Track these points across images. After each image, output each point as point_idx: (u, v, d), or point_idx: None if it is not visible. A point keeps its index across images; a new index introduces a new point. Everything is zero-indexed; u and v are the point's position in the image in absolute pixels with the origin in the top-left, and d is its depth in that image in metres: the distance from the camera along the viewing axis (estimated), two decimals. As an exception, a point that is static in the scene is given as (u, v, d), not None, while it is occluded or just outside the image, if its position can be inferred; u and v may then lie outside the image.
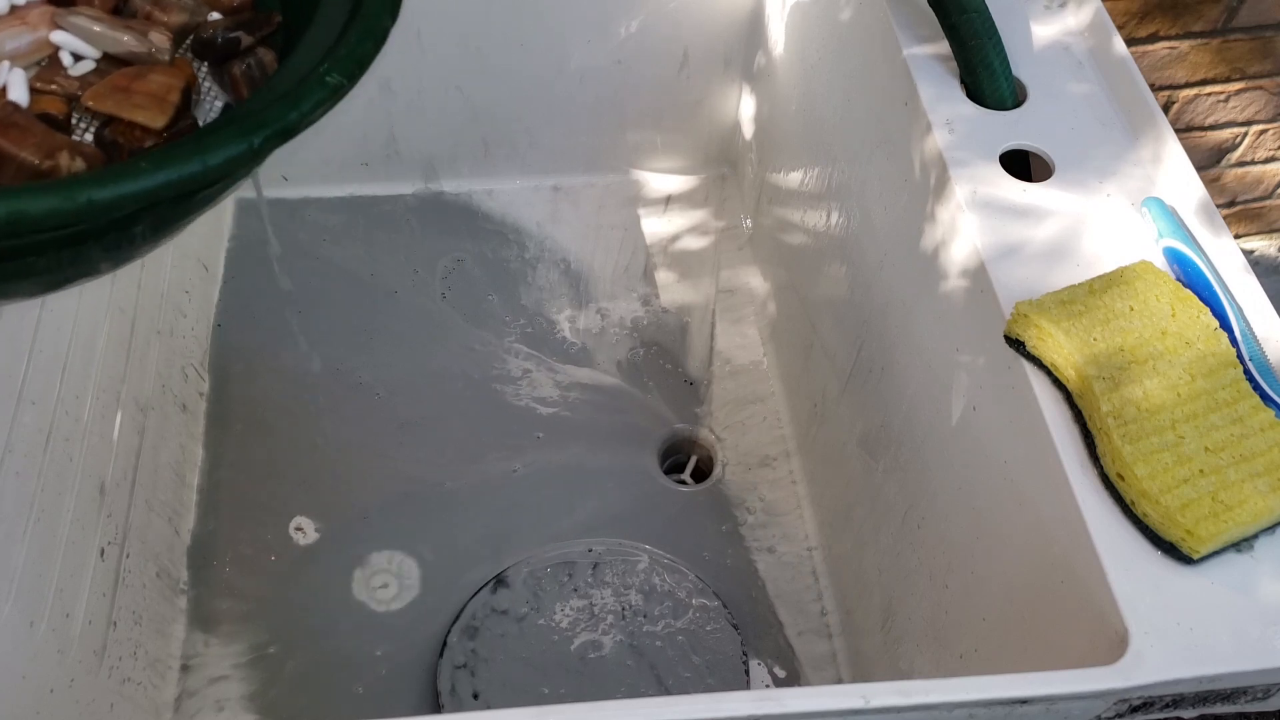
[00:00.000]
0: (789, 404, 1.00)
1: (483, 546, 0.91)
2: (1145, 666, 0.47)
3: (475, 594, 0.88)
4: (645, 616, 0.87)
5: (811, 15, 0.88)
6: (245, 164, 0.36)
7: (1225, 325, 0.55)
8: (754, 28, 1.02)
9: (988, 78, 0.66)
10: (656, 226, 1.12)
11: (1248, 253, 1.32)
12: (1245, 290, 0.58)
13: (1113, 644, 0.48)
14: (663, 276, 1.09)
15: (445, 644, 0.86)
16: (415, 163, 1.10)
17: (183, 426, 0.93)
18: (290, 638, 0.86)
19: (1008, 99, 0.67)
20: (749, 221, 1.12)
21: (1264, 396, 0.53)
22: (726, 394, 1.03)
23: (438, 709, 0.83)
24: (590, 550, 0.91)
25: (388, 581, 0.89)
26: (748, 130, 1.09)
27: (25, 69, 0.40)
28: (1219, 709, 0.51)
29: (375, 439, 0.97)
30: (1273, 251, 1.34)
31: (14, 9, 0.41)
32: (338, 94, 0.38)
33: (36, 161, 0.37)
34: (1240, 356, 0.55)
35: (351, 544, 0.91)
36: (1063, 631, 0.53)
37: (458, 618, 0.87)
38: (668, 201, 1.14)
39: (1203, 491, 0.49)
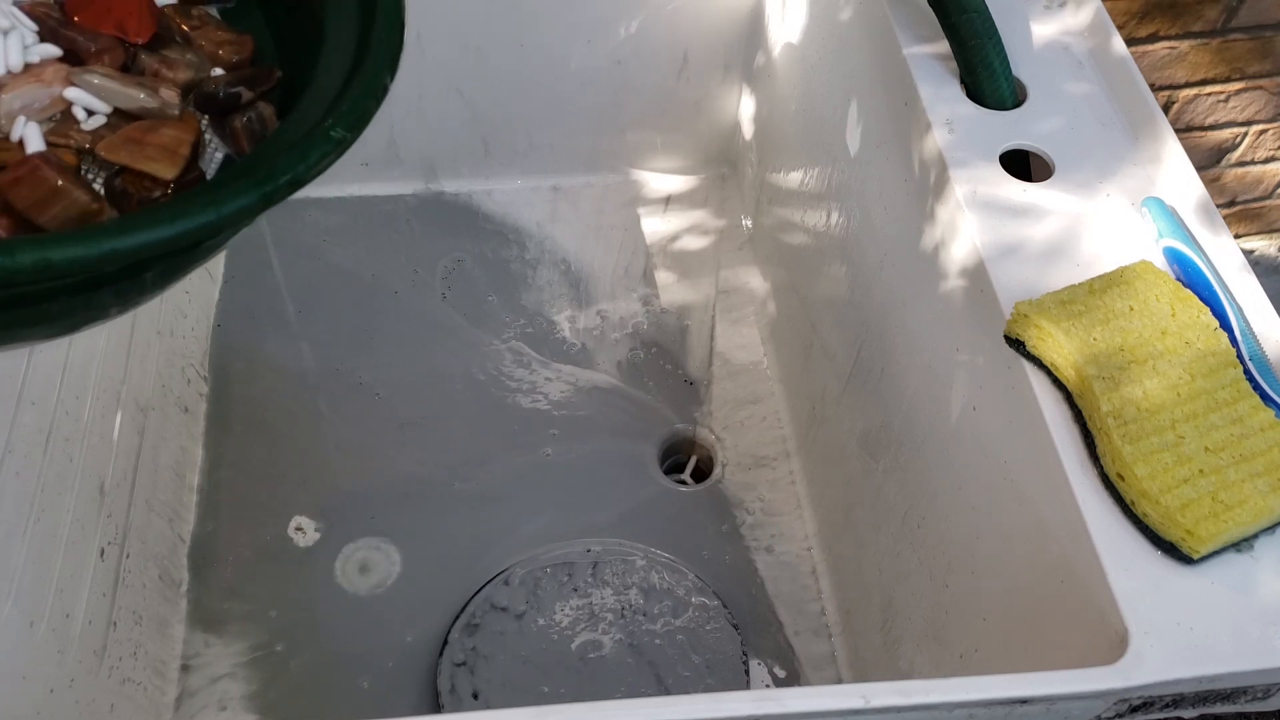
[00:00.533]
0: (789, 404, 1.00)
1: (483, 546, 0.91)
2: (1145, 666, 0.47)
3: (475, 593, 0.88)
4: (645, 616, 0.87)
5: (811, 15, 0.88)
6: (255, 214, 0.38)
7: (1225, 325, 0.56)
8: (754, 28, 1.02)
9: (988, 78, 0.66)
10: (656, 226, 1.12)
11: (1248, 253, 1.32)
12: (1245, 290, 0.58)
13: (1113, 644, 0.48)
14: (663, 276, 1.09)
15: (445, 643, 0.86)
16: (415, 163, 1.10)
17: (183, 427, 0.93)
18: (290, 637, 0.86)
19: (1008, 99, 0.67)
20: (749, 221, 1.12)
21: (1264, 396, 0.53)
22: (726, 394, 1.03)
23: (438, 708, 0.83)
24: (590, 550, 0.91)
25: (388, 581, 0.90)
26: (748, 130, 1.09)
27: (41, 123, 0.43)
28: (1219, 709, 0.51)
29: (375, 439, 0.97)
30: (1273, 251, 1.34)
31: (29, 67, 0.43)
32: (342, 147, 0.40)
33: (88, 199, 0.40)
34: (1240, 356, 0.55)
35: (351, 544, 0.91)
36: (1063, 631, 0.53)
37: (458, 617, 0.87)
38: (668, 201, 1.14)
39: (1203, 491, 0.49)
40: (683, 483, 0.99)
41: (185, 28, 0.47)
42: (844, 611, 0.88)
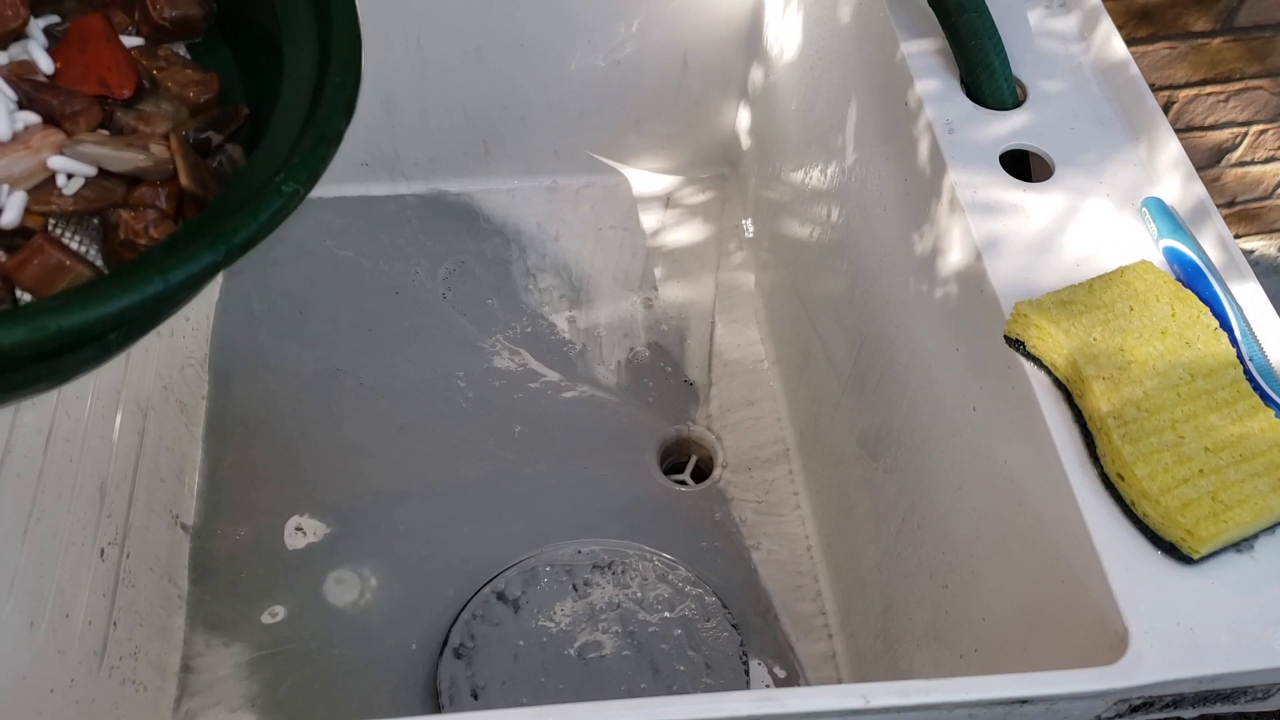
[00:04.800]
0: (789, 404, 1.00)
1: (483, 546, 0.91)
2: (1145, 666, 0.47)
3: (476, 593, 0.88)
4: (644, 616, 0.87)
5: (811, 15, 0.88)
6: (209, 277, 0.37)
7: (1225, 325, 0.55)
8: (754, 28, 1.02)
9: (988, 78, 0.66)
10: (656, 227, 1.12)
11: (1248, 253, 1.32)
12: (1245, 290, 0.58)
13: (1113, 644, 0.48)
14: (662, 277, 1.09)
15: (445, 643, 0.86)
16: (416, 163, 1.10)
17: (183, 427, 0.93)
18: (290, 638, 0.86)
19: (1008, 99, 0.67)
20: (749, 221, 1.12)
21: (1264, 396, 0.53)
22: (726, 394, 1.03)
23: (437, 708, 0.83)
24: (590, 550, 0.91)
25: (388, 581, 0.89)
26: (747, 130, 1.09)
27: (24, 191, 0.42)
28: (1219, 709, 0.51)
29: (375, 439, 0.97)
30: (1273, 251, 1.34)
31: (15, 135, 0.42)
32: (295, 200, 0.39)
33: (91, 274, 0.40)
34: (1240, 356, 0.55)
35: (351, 544, 0.91)
36: (1063, 631, 0.53)
37: (458, 616, 0.87)
38: (668, 202, 1.14)
39: (1203, 491, 0.49)
40: (682, 483, 0.99)
41: (154, 71, 0.46)
42: (844, 611, 0.88)
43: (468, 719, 0.44)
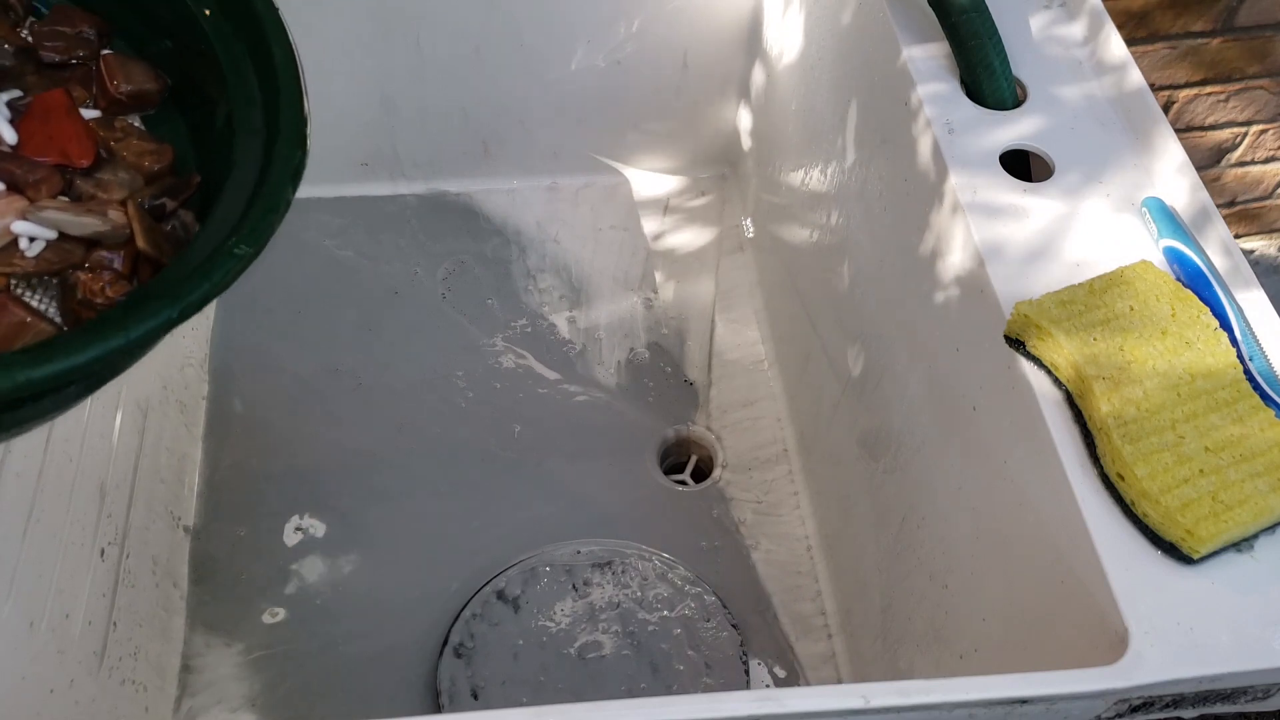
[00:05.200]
0: (789, 404, 1.00)
1: (482, 546, 0.91)
2: (1145, 666, 0.47)
3: (476, 593, 0.88)
4: (644, 616, 0.87)
5: (811, 15, 0.88)
6: (165, 332, 0.40)
7: (1225, 325, 0.55)
8: (754, 28, 1.02)
9: (988, 78, 0.66)
10: (656, 227, 1.12)
11: (1248, 253, 1.32)
12: (1245, 290, 0.58)
13: (1113, 644, 0.48)
14: (662, 277, 1.09)
15: (445, 642, 0.86)
16: (416, 163, 1.10)
17: (183, 427, 0.93)
18: (290, 638, 0.86)
19: (1008, 99, 0.67)
20: (749, 222, 1.12)
21: (1264, 396, 0.53)
22: (726, 394, 1.03)
23: (437, 708, 0.83)
24: (590, 550, 0.91)
25: (387, 581, 0.89)
26: (747, 130, 1.09)
27: None
28: (1219, 709, 0.51)
29: (375, 439, 0.97)
30: (1273, 251, 1.34)
31: None
32: (246, 262, 0.42)
33: (52, 330, 0.43)
34: (1240, 356, 0.55)
35: (351, 544, 0.91)
36: (1063, 631, 0.53)
37: (458, 616, 0.87)
38: (668, 202, 1.14)
39: (1203, 491, 0.49)
40: (682, 483, 0.99)
41: (111, 142, 0.49)
42: (844, 611, 0.88)
43: (468, 719, 0.44)
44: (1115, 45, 0.69)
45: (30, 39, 0.50)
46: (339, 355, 1.01)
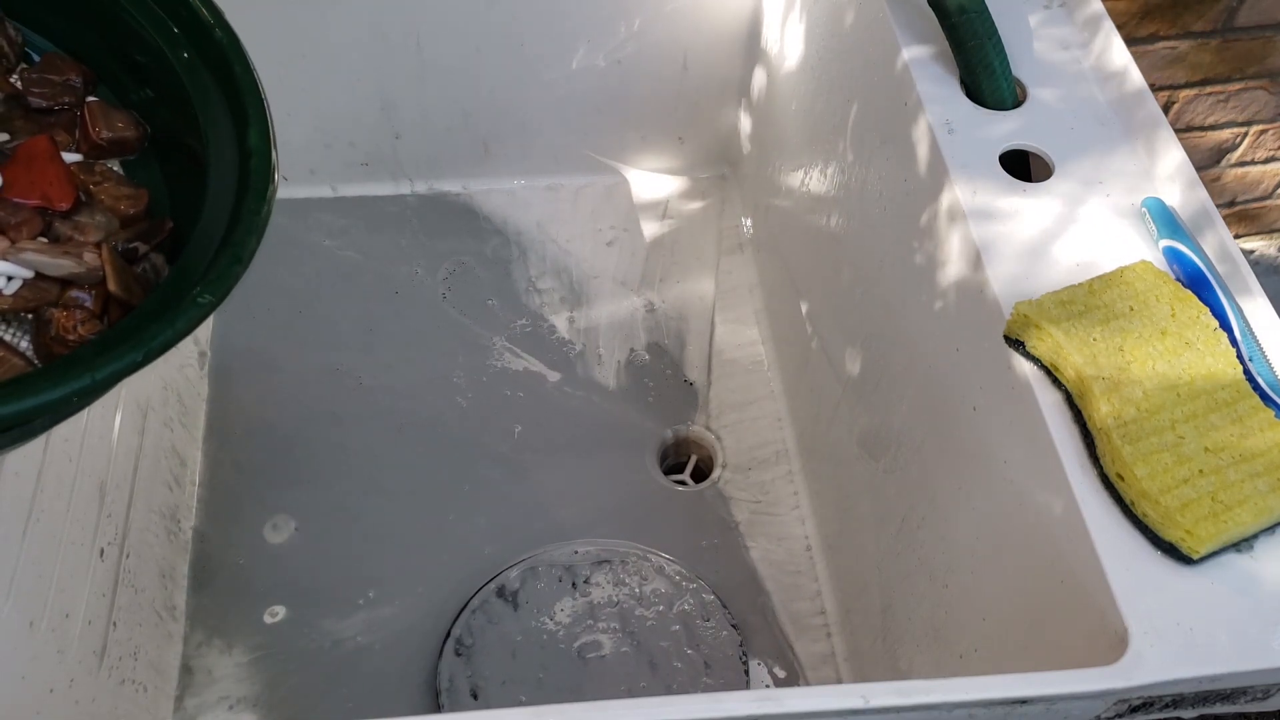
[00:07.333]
0: (789, 404, 1.00)
1: (482, 545, 0.91)
2: (1145, 666, 0.47)
3: (476, 592, 0.88)
4: (644, 615, 0.87)
5: (812, 16, 0.88)
6: (129, 374, 0.42)
7: (1225, 325, 0.55)
8: (754, 28, 1.02)
9: (987, 78, 0.66)
10: (656, 227, 1.12)
11: (1247, 253, 1.32)
12: (1245, 290, 0.58)
13: (1113, 644, 0.48)
14: (662, 277, 1.09)
15: (445, 641, 0.86)
16: (416, 163, 1.10)
17: (182, 427, 0.93)
18: (290, 637, 0.86)
19: (1008, 99, 0.67)
20: (749, 222, 1.12)
21: (1263, 396, 0.53)
22: (726, 394, 1.03)
23: (437, 706, 0.83)
24: (590, 549, 0.91)
25: (388, 581, 0.89)
26: (748, 130, 1.09)
27: None
28: (1219, 709, 0.51)
29: (375, 438, 0.97)
30: (1273, 251, 1.34)
31: None
32: (209, 309, 0.44)
33: (24, 364, 0.46)
34: (1240, 356, 0.55)
35: (351, 543, 0.91)
36: (1063, 631, 0.53)
37: (458, 616, 0.87)
38: (668, 201, 1.14)
39: (1202, 491, 0.49)
40: (682, 483, 0.99)
41: (90, 186, 0.51)
42: (843, 611, 0.88)
43: (468, 718, 0.44)
44: (1115, 45, 0.69)
45: (20, 85, 0.53)
46: (339, 355, 1.01)
